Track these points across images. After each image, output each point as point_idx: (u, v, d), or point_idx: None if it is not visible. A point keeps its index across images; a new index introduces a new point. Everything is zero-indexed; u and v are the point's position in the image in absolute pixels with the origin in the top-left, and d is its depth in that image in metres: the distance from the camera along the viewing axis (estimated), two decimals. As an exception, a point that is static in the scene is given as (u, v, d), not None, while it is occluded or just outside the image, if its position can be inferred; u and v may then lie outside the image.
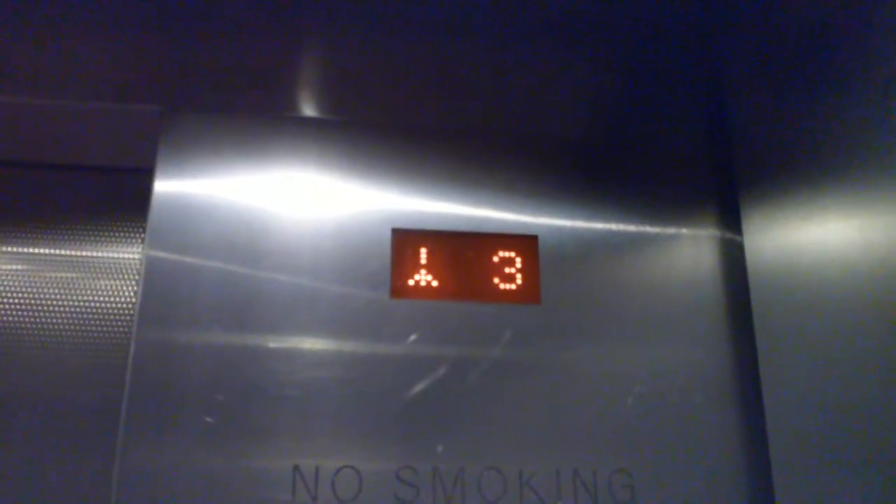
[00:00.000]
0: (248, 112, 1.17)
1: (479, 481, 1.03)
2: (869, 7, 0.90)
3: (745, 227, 1.17)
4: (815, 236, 0.99)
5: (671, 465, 1.08)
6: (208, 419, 1.01)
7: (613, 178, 1.22)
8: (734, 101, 1.23)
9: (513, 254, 1.14)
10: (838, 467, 0.93)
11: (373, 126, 1.19)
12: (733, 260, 1.18)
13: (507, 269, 1.13)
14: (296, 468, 1.01)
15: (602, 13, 1.28)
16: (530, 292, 1.13)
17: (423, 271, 1.12)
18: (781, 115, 1.08)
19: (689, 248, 1.19)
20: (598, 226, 1.18)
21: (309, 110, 1.20)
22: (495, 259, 1.14)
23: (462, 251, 1.14)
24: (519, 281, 1.13)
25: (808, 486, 0.99)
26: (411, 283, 1.11)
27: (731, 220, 1.20)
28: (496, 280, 1.13)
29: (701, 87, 1.29)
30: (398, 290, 1.10)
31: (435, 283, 1.12)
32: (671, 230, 1.20)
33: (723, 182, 1.23)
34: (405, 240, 1.13)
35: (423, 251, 1.13)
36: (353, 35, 1.24)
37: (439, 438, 1.05)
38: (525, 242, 1.15)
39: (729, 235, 1.20)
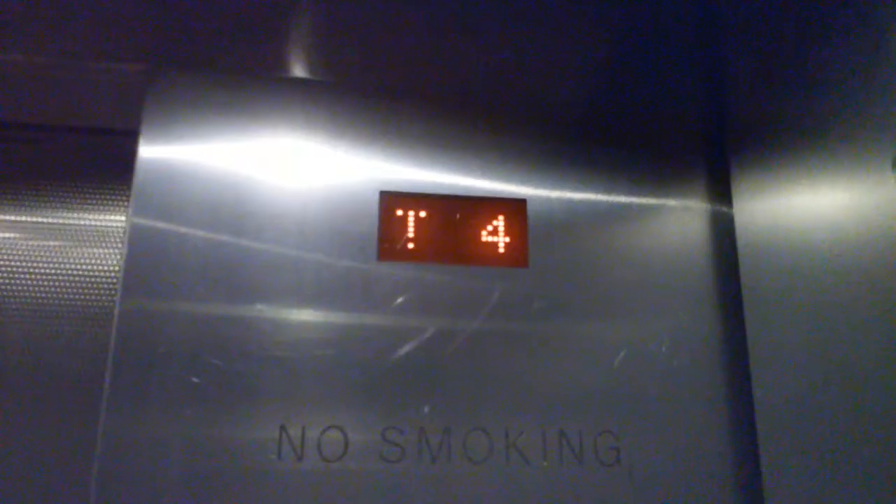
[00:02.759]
0: (236, 72, 1.16)
1: (465, 442, 1.04)
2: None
3: (734, 194, 1.18)
4: (804, 201, 0.99)
5: (656, 428, 1.08)
6: (194, 379, 1.01)
7: (603, 146, 1.21)
8: (725, 70, 1.23)
9: (501, 217, 1.14)
10: (823, 431, 0.94)
11: (362, 88, 1.18)
12: (722, 229, 1.19)
13: (495, 233, 1.13)
14: (282, 429, 1.01)
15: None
16: (518, 256, 1.13)
17: (410, 234, 1.11)
18: (771, 81, 1.08)
19: (679, 218, 1.19)
20: (588, 195, 1.18)
21: (298, 70, 1.18)
22: (483, 222, 1.13)
23: (450, 214, 1.13)
24: (507, 244, 1.13)
25: (791, 447, 1.00)
26: (399, 246, 1.11)
27: (720, 189, 1.20)
28: (484, 243, 1.12)
29: (693, 56, 1.28)
30: (385, 252, 1.10)
31: (423, 247, 1.11)
32: (660, 201, 1.20)
33: (713, 151, 1.23)
34: (393, 203, 1.12)
35: (411, 214, 1.12)
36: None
37: (425, 400, 1.05)
38: (514, 206, 1.15)
39: (718, 206, 1.20)
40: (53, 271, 1.23)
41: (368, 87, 1.18)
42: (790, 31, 1.04)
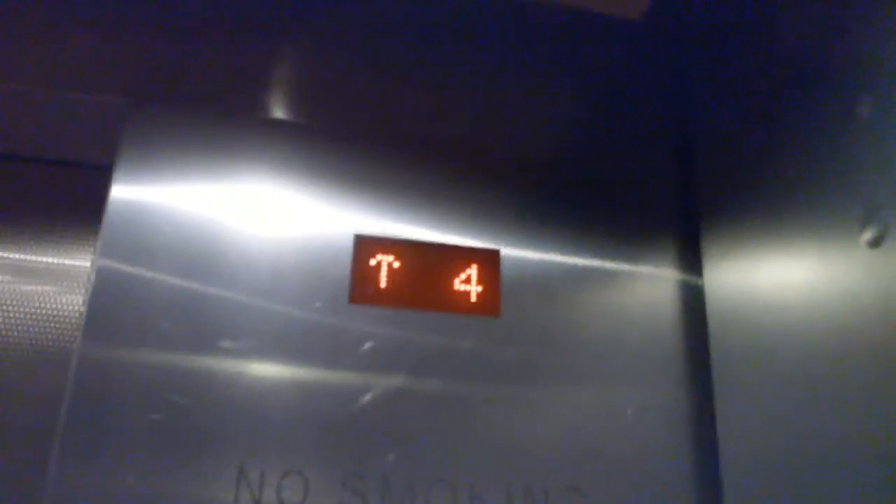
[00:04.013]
0: (215, 111, 1.16)
1: (428, 494, 1.01)
2: (831, 39, 0.93)
3: (705, 261, 1.18)
4: (774, 270, 1.00)
5: (624, 486, 1.07)
6: (154, 416, 0.98)
7: (576, 206, 1.23)
8: (700, 132, 1.25)
9: (474, 266, 1.14)
10: (788, 498, 0.93)
11: (340, 132, 1.18)
12: (692, 296, 1.19)
13: (468, 281, 1.13)
14: (240, 471, 0.97)
15: (573, 39, 1.31)
16: (490, 305, 1.12)
17: (383, 279, 1.11)
18: (742, 146, 1.10)
19: (649, 284, 1.20)
20: (560, 256, 1.19)
21: (277, 112, 1.18)
22: (457, 270, 1.13)
23: (424, 260, 1.13)
24: (479, 293, 1.12)
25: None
26: (371, 289, 1.10)
27: (691, 256, 1.22)
28: (456, 291, 1.12)
29: (667, 117, 1.31)
30: (357, 295, 1.09)
31: (395, 291, 1.10)
32: (631, 266, 1.21)
33: (685, 216, 1.25)
34: (367, 247, 1.12)
35: (385, 259, 1.12)
36: (325, 39, 1.23)
37: (390, 448, 1.02)
38: (487, 256, 1.15)
39: (689, 273, 1.21)
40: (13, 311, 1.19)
41: (346, 131, 1.19)
42: (763, 96, 1.07)
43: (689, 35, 1.31)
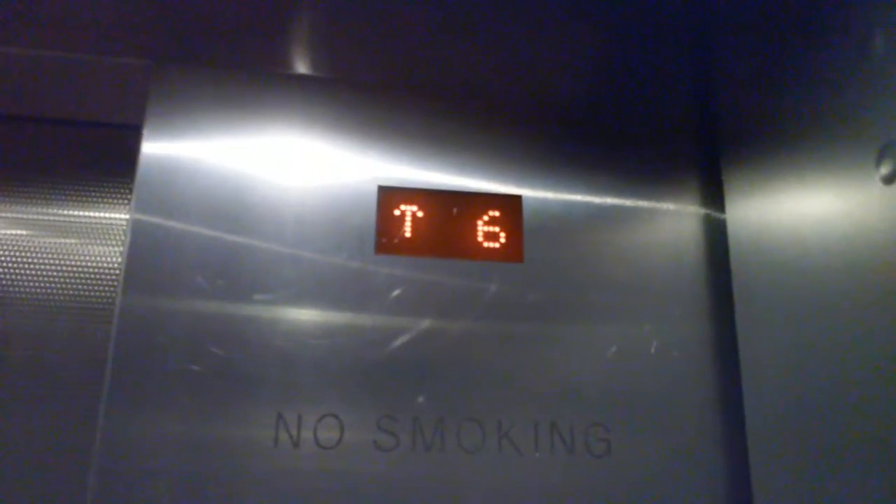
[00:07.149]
0: (238, 68, 1.17)
1: (458, 432, 1.05)
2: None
3: (727, 197, 1.19)
4: (794, 204, 1.00)
5: (647, 421, 1.10)
6: (194, 367, 1.03)
7: (598, 147, 1.23)
8: (719, 71, 1.24)
9: (497, 213, 1.16)
10: (811, 429, 0.95)
11: (362, 84, 1.20)
12: (715, 231, 1.20)
13: (491, 227, 1.15)
14: (279, 416, 1.02)
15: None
16: (513, 251, 1.14)
17: (407, 228, 1.13)
18: (763, 83, 1.10)
19: (671, 221, 1.21)
20: (581, 196, 1.20)
21: (299, 67, 1.20)
22: (480, 217, 1.15)
23: (447, 209, 1.15)
24: (502, 239, 1.15)
25: (779, 443, 1.01)
26: (396, 239, 1.12)
27: (713, 192, 1.22)
28: (480, 238, 1.14)
29: (687, 57, 1.30)
30: (383, 245, 1.12)
31: (419, 240, 1.13)
32: (653, 204, 1.21)
33: (706, 154, 1.25)
34: (391, 197, 1.14)
35: (409, 209, 1.14)
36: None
37: (420, 390, 1.06)
38: (509, 202, 1.17)
39: (711, 209, 1.22)
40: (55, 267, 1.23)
41: (370, 83, 1.20)
42: (781, 33, 1.05)
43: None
